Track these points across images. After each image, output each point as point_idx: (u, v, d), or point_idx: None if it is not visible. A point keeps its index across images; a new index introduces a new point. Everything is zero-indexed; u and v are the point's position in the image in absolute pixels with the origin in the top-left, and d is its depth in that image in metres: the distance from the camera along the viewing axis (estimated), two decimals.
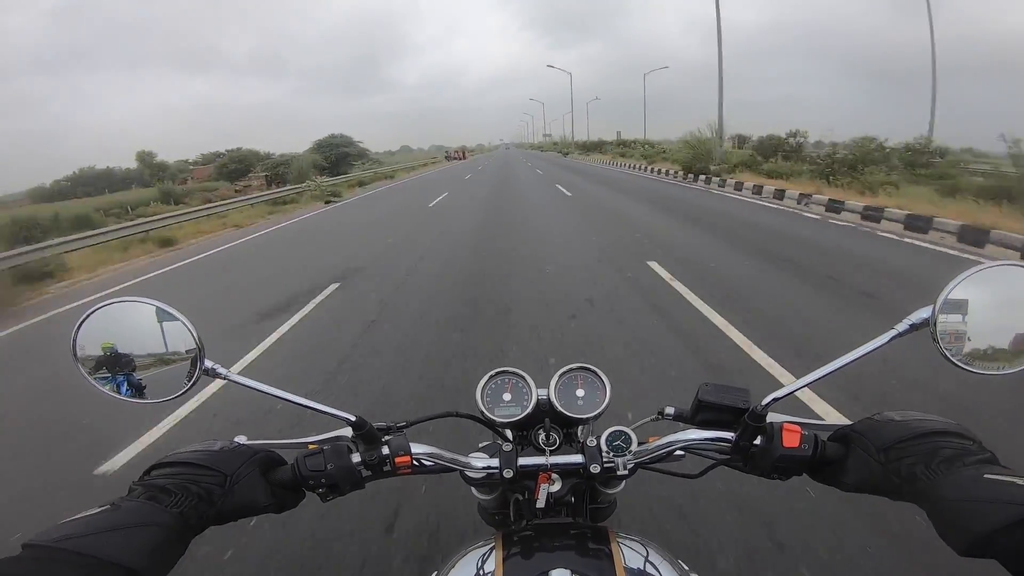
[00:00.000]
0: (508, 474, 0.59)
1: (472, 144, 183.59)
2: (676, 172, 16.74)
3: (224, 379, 0.55)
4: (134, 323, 0.53)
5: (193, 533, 0.46)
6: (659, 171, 18.94)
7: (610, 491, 0.70)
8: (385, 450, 0.58)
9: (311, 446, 0.58)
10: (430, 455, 0.60)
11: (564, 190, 13.92)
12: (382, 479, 0.59)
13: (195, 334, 0.53)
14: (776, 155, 16.14)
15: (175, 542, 0.43)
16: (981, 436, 0.47)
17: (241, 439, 0.56)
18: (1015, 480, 0.39)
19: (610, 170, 23.93)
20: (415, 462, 0.59)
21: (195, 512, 0.46)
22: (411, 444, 0.59)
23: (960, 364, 0.50)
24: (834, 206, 8.33)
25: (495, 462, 0.60)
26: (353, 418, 0.57)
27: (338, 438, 0.60)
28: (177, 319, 0.53)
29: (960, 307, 0.49)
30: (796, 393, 0.57)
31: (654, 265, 5.21)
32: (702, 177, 14.42)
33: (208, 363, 0.54)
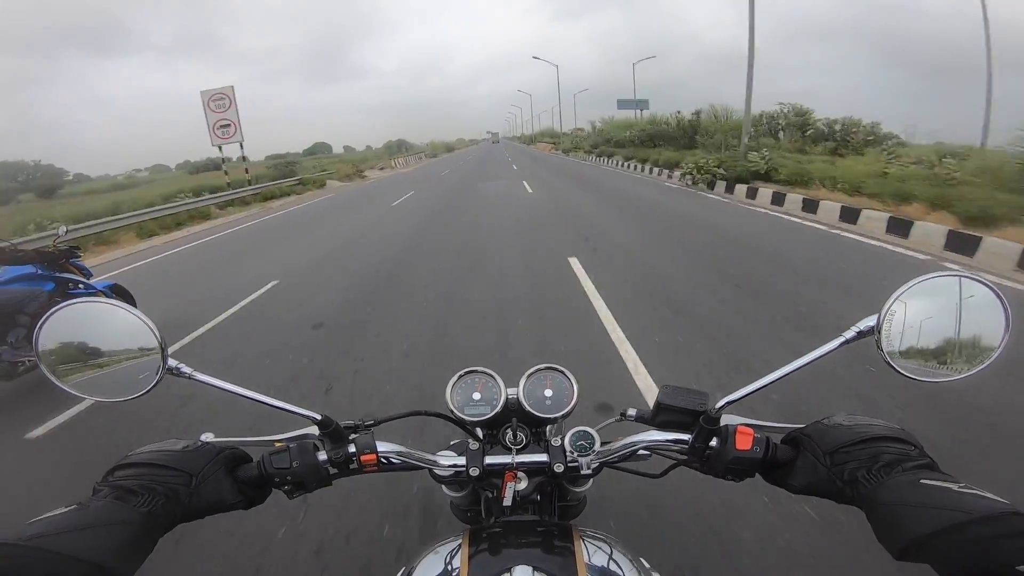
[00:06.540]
0: (474, 472, 0.60)
1: (452, 139, 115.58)
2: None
3: (188, 378, 0.56)
4: (97, 323, 0.53)
5: (162, 531, 0.47)
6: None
7: (578, 489, 0.71)
8: (351, 448, 0.58)
9: (277, 444, 0.59)
10: (398, 453, 0.61)
11: None
12: (349, 477, 0.60)
13: (158, 335, 0.54)
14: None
15: (143, 540, 0.44)
16: (923, 442, 0.48)
17: (207, 436, 0.57)
18: (950, 487, 0.40)
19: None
20: (381, 460, 0.60)
21: (163, 511, 0.47)
22: (378, 442, 0.60)
23: (903, 372, 0.51)
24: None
25: (462, 460, 0.61)
26: (319, 417, 0.58)
27: (304, 436, 0.60)
28: (140, 320, 0.53)
29: (904, 315, 0.49)
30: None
31: None
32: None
33: (172, 363, 0.55)
